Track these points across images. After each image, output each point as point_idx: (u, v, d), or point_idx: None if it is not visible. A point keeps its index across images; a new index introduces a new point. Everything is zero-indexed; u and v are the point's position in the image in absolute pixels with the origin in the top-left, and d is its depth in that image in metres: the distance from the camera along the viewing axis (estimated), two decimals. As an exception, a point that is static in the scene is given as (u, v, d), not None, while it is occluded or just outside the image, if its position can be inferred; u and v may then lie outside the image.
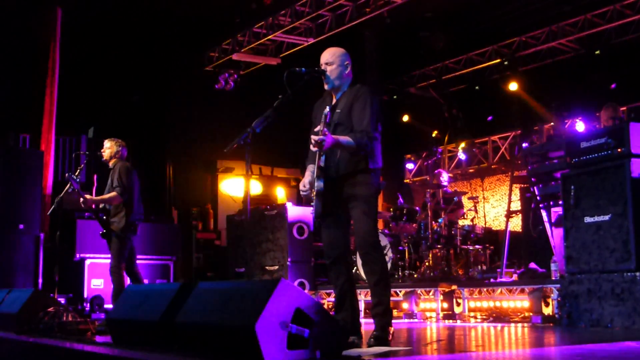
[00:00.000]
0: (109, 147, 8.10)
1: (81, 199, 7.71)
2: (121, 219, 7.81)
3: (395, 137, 15.78)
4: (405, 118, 15.56)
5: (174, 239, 12.29)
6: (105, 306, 10.48)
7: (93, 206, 7.85)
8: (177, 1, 12.68)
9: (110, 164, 8.08)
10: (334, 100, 5.21)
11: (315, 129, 4.87)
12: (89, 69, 12.87)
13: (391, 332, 4.98)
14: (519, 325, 7.23)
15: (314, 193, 4.99)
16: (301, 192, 5.23)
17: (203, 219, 14.69)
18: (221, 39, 14.21)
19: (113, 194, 7.80)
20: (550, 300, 7.31)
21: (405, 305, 9.04)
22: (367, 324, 5.50)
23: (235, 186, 15.66)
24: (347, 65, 5.19)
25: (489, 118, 14.65)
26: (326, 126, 4.91)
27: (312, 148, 4.90)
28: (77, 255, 10.74)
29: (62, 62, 12.23)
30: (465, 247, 10.28)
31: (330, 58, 5.18)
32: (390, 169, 15.43)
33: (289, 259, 10.47)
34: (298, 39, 13.52)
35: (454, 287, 8.70)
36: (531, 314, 7.50)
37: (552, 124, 12.45)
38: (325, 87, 5.21)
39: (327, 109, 4.91)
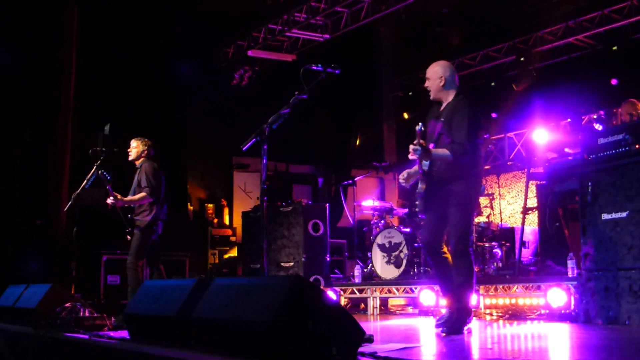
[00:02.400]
0: (135, 147, 8.12)
1: (110, 198, 7.73)
2: (145, 217, 7.85)
3: (408, 133, 15.76)
4: (405, 116, 15.53)
5: (189, 236, 12.34)
6: (122, 302, 10.53)
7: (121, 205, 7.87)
8: (193, -1, 12.74)
9: (137, 163, 8.11)
10: (441, 109, 5.77)
11: (414, 142, 5.40)
12: (105, 66, 12.93)
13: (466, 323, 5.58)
14: (535, 322, 7.20)
15: (418, 194, 5.67)
16: (400, 181, 5.92)
17: (218, 216, 14.72)
18: (236, 35, 14.22)
19: (143, 194, 7.85)
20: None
21: (421, 302, 9.01)
22: (382, 324, 5.47)
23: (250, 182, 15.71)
24: (442, 78, 5.70)
25: (494, 115, 14.60)
26: (427, 137, 5.58)
27: (410, 156, 5.48)
28: (94, 251, 10.79)
29: (78, 59, 12.29)
30: (481, 244, 10.24)
31: (427, 73, 5.77)
32: (405, 165, 15.42)
33: (304, 256, 10.47)
34: (313, 35, 13.51)
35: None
36: (548, 311, 7.46)
37: (569, 120, 12.38)
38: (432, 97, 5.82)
39: (420, 124, 5.40)
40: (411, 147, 5.40)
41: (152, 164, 8.03)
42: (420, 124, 5.45)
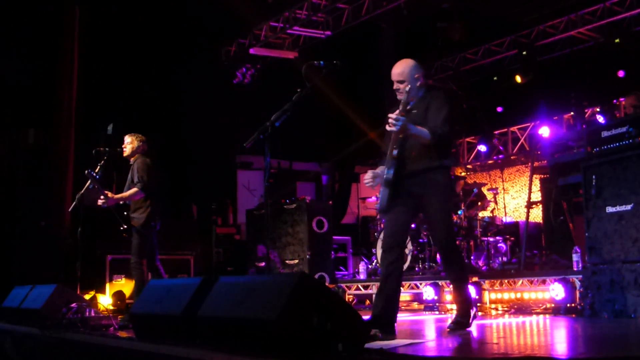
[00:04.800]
0: (129, 143, 8.08)
1: (102, 197, 7.72)
2: (141, 215, 7.81)
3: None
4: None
5: (193, 235, 12.34)
6: (127, 301, 10.54)
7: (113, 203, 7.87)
8: (194, -3, 12.73)
9: (131, 160, 8.08)
10: (409, 106, 5.38)
11: (396, 112, 5.13)
12: (107, 66, 12.92)
13: (471, 316, 5.48)
14: (541, 316, 7.19)
15: (384, 182, 5.22)
16: (365, 182, 5.51)
17: (222, 214, 14.72)
18: (238, 33, 14.22)
19: (134, 190, 7.79)
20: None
21: (426, 298, 9.02)
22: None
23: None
24: (418, 78, 5.41)
25: (499, 109, 14.57)
26: (393, 136, 5.23)
27: (388, 127, 5.11)
28: (99, 251, 10.80)
29: (80, 59, 12.29)
30: (486, 238, 10.24)
31: (401, 76, 5.39)
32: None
33: (308, 253, 10.48)
34: (315, 32, 13.50)
35: (474, 278, 8.67)
36: (553, 305, 7.46)
37: (572, 113, 12.36)
38: (399, 98, 5.39)
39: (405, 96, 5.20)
40: (391, 116, 5.08)
41: (144, 159, 7.98)
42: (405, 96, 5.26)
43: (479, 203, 11.00)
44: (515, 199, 14.66)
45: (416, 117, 5.27)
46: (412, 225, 10.67)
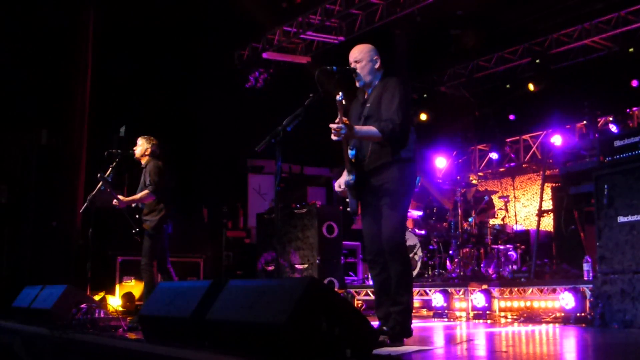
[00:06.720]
0: (141, 145, 8.13)
1: (114, 200, 7.76)
2: (154, 218, 7.84)
3: (424, 135, 15.71)
4: (423, 117, 15.47)
5: (204, 237, 12.36)
6: (136, 303, 10.57)
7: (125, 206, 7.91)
8: (208, 0, 12.75)
9: (142, 161, 8.11)
10: (366, 96, 5.25)
11: (336, 120, 4.79)
12: (121, 68, 12.97)
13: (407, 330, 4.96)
14: (550, 325, 7.16)
15: (347, 188, 5.13)
16: (336, 191, 5.37)
17: (233, 218, 14.74)
18: (251, 37, 14.25)
19: (145, 192, 7.83)
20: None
21: (435, 305, 8.99)
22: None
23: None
24: (376, 60, 5.24)
25: (511, 117, 14.53)
26: (356, 119, 5.12)
27: (333, 137, 4.89)
28: (109, 253, 10.84)
29: (94, 61, 12.35)
30: (496, 246, 10.21)
31: (359, 55, 5.23)
32: (420, 167, 15.37)
33: (318, 258, 10.47)
34: (328, 37, 13.51)
35: (484, 286, 8.64)
36: (563, 314, 7.42)
37: (584, 122, 12.30)
38: (357, 84, 5.27)
39: (340, 94, 4.70)
40: (332, 126, 4.80)
41: (156, 162, 8.02)
42: (340, 93, 4.71)
43: (490, 211, 10.98)
44: (526, 207, 14.60)
45: (371, 111, 5.10)
46: (422, 232, 10.66)
